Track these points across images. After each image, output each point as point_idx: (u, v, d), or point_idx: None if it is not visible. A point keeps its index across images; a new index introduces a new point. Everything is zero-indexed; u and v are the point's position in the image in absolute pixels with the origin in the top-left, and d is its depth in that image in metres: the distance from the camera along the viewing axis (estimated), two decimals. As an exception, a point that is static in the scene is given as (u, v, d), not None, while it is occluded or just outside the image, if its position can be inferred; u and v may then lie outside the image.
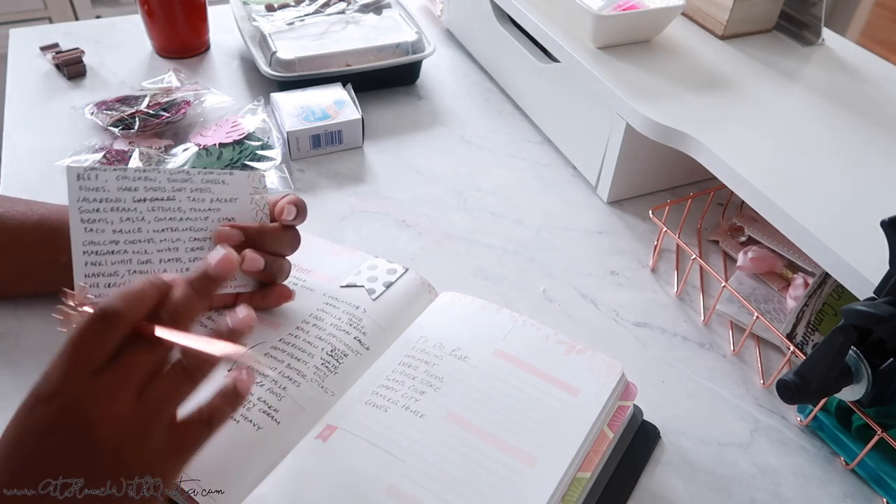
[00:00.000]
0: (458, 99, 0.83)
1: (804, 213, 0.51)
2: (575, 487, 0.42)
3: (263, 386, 0.46)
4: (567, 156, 0.75)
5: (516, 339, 0.50)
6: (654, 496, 0.46)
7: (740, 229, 0.65)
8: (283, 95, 0.74)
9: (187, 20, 0.84)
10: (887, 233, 0.41)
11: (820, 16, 0.72)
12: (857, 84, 0.68)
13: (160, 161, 0.67)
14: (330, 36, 0.80)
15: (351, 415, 0.45)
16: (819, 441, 0.50)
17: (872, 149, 0.59)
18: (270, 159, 0.68)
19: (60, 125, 0.73)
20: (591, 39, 0.69)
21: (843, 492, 0.47)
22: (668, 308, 0.60)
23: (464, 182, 0.71)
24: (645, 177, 0.70)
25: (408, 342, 0.50)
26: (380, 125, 0.78)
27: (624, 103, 0.62)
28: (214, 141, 0.68)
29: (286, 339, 0.49)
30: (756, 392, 0.53)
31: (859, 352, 0.42)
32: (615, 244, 0.65)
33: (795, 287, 0.58)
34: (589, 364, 0.48)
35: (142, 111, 0.71)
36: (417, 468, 0.42)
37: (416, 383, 0.47)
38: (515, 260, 0.63)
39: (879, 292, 0.43)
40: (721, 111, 0.62)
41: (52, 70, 0.82)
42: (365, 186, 0.70)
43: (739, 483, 0.47)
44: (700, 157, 0.59)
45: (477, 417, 0.45)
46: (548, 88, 0.75)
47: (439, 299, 0.54)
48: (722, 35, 0.73)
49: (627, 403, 0.47)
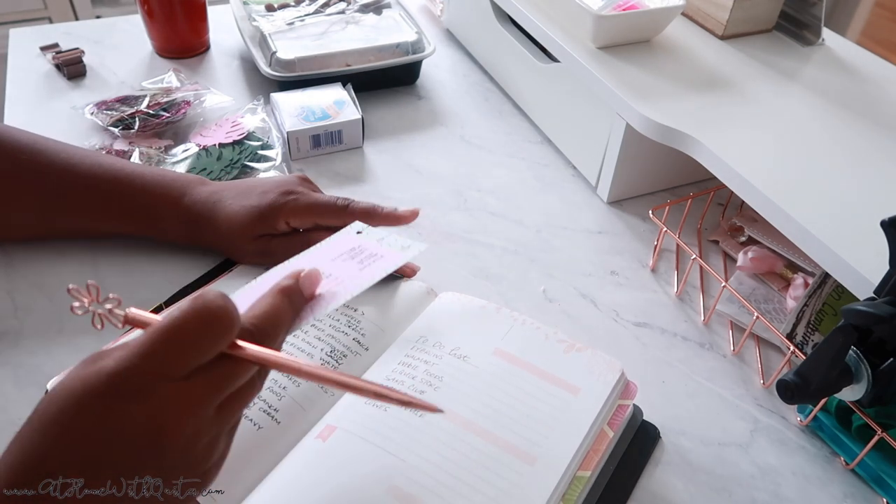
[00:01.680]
0: (458, 99, 0.83)
1: (804, 213, 0.51)
2: (575, 486, 0.42)
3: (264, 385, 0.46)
4: (567, 156, 0.75)
5: (516, 338, 0.50)
6: (654, 496, 0.46)
7: (740, 229, 0.65)
8: (283, 95, 0.74)
9: (187, 20, 0.84)
10: (887, 233, 0.41)
11: (820, 16, 0.72)
12: (857, 84, 0.68)
13: (160, 161, 0.67)
14: (330, 36, 0.80)
15: (351, 415, 0.45)
16: (819, 441, 0.50)
17: (872, 149, 0.59)
18: (270, 159, 0.68)
19: (60, 125, 0.73)
20: (591, 39, 0.69)
21: (843, 492, 0.47)
22: (668, 308, 0.60)
23: (464, 182, 0.71)
24: (645, 177, 0.70)
25: (407, 342, 0.50)
26: (380, 125, 0.78)
27: (624, 103, 0.62)
28: (214, 141, 0.68)
29: (286, 339, 0.49)
30: (756, 392, 0.53)
31: (859, 352, 0.42)
32: (615, 244, 0.65)
33: (795, 287, 0.58)
34: (589, 363, 0.48)
35: (142, 111, 0.71)
36: (417, 468, 0.42)
37: (416, 383, 0.47)
38: (515, 260, 0.63)
39: (879, 292, 0.43)
40: (721, 111, 0.62)
41: (52, 70, 0.82)
42: (365, 186, 0.70)
43: (739, 483, 0.47)
44: (700, 157, 0.59)
45: (477, 416, 0.45)
46: (548, 88, 0.75)
47: (439, 299, 0.54)
48: (722, 35, 0.73)
49: (627, 402, 0.47)
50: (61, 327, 0.53)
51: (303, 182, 0.58)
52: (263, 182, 0.57)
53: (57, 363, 0.50)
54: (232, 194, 0.56)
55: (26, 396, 0.48)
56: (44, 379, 0.47)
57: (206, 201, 0.56)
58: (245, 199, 0.55)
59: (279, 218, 0.54)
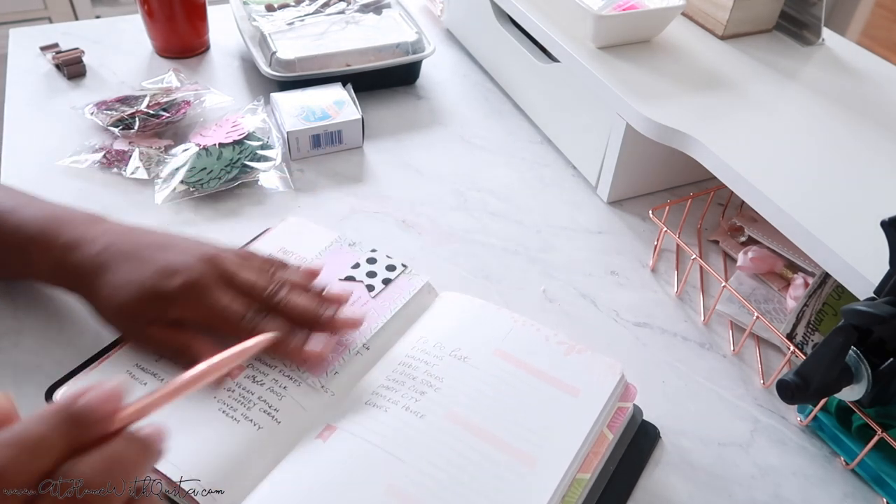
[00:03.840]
0: (458, 99, 0.83)
1: (804, 214, 0.51)
2: (574, 489, 0.42)
3: (264, 385, 0.46)
4: (567, 156, 0.75)
5: (516, 340, 0.50)
6: (654, 496, 0.46)
7: (740, 229, 0.65)
8: (283, 95, 0.74)
9: (187, 20, 0.84)
10: (887, 233, 0.41)
11: (820, 16, 0.72)
12: (857, 84, 0.68)
13: (160, 161, 0.67)
14: (330, 36, 0.80)
15: (351, 415, 0.45)
16: (819, 441, 0.50)
17: (872, 149, 0.59)
18: (270, 159, 0.68)
19: (60, 125, 0.73)
20: (591, 39, 0.69)
21: (843, 492, 0.47)
22: (668, 308, 0.60)
23: (464, 182, 0.71)
24: (645, 177, 0.70)
25: (408, 342, 0.50)
26: (380, 125, 0.78)
27: (624, 103, 0.62)
28: (214, 141, 0.68)
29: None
30: (756, 392, 0.53)
31: (859, 352, 0.42)
32: (615, 244, 0.65)
33: (795, 287, 0.58)
34: (589, 365, 0.48)
35: (142, 111, 0.71)
36: (417, 469, 0.42)
37: (417, 383, 0.47)
38: (515, 260, 0.63)
39: (879, 292, 0.43)
40: (721, 111, 0.62)
41: (52, 70, 0.82)
42: (365, 186, 0.70)
43: (739, 483, 0.47)
44: (700, 157, 0.59)
45: (477, 418, 0.45)
46: (548, 88, 0.75)
47: (439, 299, 0.54)
48: (722, 35, 0.73)
49: (627, 405, 0.47)
50: (61, 327, 0.53)
51: (228, 263, 0.47)
52: (176, 248, 0.47)
53: (57, 363, 0.50)
54: (122, 258, 0.46)
55: (26, 396, 0.48)
56: (44, 379, 0.47)
57: (91, 263, 0.46)
58: (135, 271, 0.45)
59: (171, 307, 0.45)
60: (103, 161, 0.68)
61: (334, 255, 0.56)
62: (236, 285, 0.46)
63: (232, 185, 0.66)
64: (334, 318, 0.47)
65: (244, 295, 0.46)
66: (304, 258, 0.56)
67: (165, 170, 0.66)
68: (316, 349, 0.46)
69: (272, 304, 0.46)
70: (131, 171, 0.66)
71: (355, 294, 0.53)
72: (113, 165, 0.68)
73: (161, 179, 0.66)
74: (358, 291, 0.53)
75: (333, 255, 0.56)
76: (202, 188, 0.65)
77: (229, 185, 0.66)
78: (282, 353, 0.46)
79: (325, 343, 0.46)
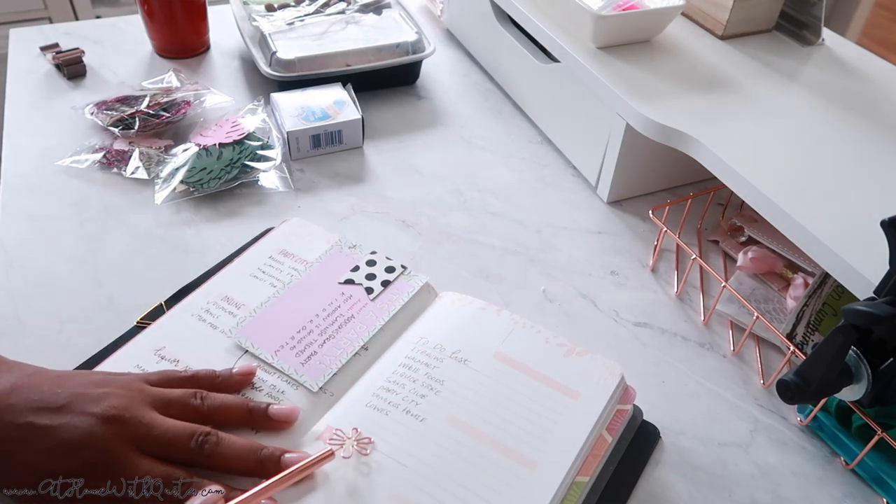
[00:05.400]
0: (458, 99, 0.83)
1: (804, 213, 0.51)
2: (574, 491, 0.42)
3: (262, 391, 0.46)
4: (567, 156, 0.75)
5: (516, 342, 0.50)
6: (654, 496, 0.46)
7: (740, 229, 0.65)
8: (283, 95, 0.74)
9: (187, 20, 0.84)
10: (887, 233, 0.41)
11: (820, 16, 0.72)
12: (857, 84, 0.68)
13: (160, 161, 0.67)
14: (330, 36, 0.80)
15: (351, 417, 0.45)
16: (819, 441, 0.50)
17: (872, 148, 0.59)
18: (270, 159, 0.68)
19: (60, 125, 0.73)
20: (591, 39, 0.69)
21: (843, 492, 0.47)
22: (668, 308, 0.60)
23: (464, 182, 0.71)
24: (645, 177, 0.70)
25: (408, 343, 0.50)
26: (380, 125, 0.78)
27: (624, 103, 0.62)
28: (214, 141, 0.68)
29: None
30: (756, 392, 0.53)
31: (859, 352, 0.42)
32: (615, 244, 0.65)
33: (795, 287, 0.58)
34: (589, 367, 0.48)
35: (142, 111, 0.71)
36: (417, 471, 0.42)
37: (417, 386, 0.47)
38: (515, 260, 0.63)
39: (879, 292, 0.43)
40: (721, 111, 0.62)
41: (52, 70, 0.82)
42: (365, 186, 0.70)
43: (739, 483, 0.47)
44: (700, 157, 0.59)
45: (478, 421, 0.45)
46: (548, 88, 0.75)
47: (439, 300, 0.54)
48: (722, 35, 0.73)
49: (626, 407, 0.47)
50: (61, 327, 0.53)
51: (140, 417, 0.39)
52: (73, 406, 0.38)
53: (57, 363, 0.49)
54: (25, 403, 0.38)
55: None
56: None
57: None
58: (26, 451, 0.36)
59: (82, 488, 0.36)
60: (103, 161, 0.68)
61: (333, 258, 0.56)
62: (153, 443, 0.39)
63: (232, 185, 0.66)
64: (279, 459, 0.41)
65: (165, 453, 0.39)
66: (304, 261, 0.56)
67: (165, 170, 0.66)
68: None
69: (201, 459, 0.40)
70: (131, 171, 0.66)
71: (354, 297, 0.53)
72: (113, 165, 0.68)
73: (161, 179, 0.66)
74: (357, 295, 0.53)
75: (333, 258, 0.56)
76: (202, 188, 0.65)
77: (229, 185, 0.66)
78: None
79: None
